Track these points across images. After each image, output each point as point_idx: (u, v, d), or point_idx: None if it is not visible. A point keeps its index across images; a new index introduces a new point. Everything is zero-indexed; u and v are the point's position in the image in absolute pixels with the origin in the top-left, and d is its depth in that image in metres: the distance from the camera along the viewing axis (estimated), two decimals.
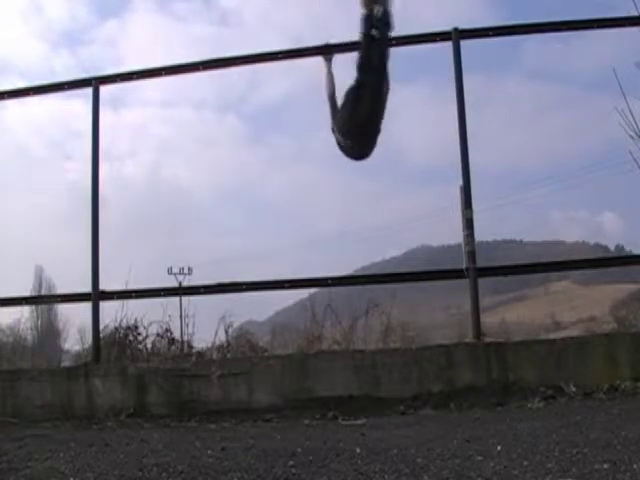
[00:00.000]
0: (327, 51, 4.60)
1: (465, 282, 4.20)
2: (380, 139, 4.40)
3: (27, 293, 6.17)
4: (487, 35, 4.52)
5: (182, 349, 4.94)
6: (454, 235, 4.38)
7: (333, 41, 4.69)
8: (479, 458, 1.95)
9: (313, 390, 3.95)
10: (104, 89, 4.86)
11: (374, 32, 3.36)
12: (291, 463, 2.05)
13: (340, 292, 5.03)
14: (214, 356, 4.79)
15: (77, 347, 7.02)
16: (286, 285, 4.55)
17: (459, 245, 4.28)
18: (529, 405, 3.57)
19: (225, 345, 4.99)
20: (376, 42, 3.39)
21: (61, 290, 5.39)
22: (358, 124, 3.54)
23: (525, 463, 1.84)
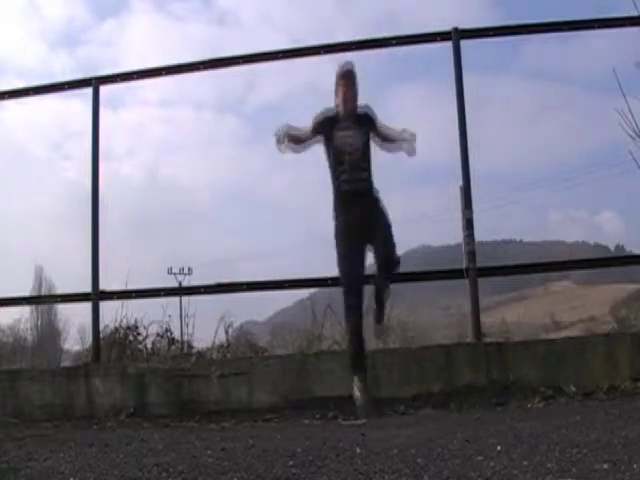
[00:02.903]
0: (328, 50, 4.60)
1: (465, 282, 4.20)
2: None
3: (27, 293, 6.18)
4: (487, 35, 4.52)
5: (182, 349, 4.94)
6: (454, 235, 4.38)
7: (332, 41, 4.73)
8: (479, 458, 1.95)
9: (313, 390, 3.95)
10: (104, 89, 4.86)
11: None
12: (291, 463, 2.05)
13: (340, 292, 5.02)
14: (214, 356, 4.79)
15: (77, 347, 7.04)
16: (286, 285, 4.56)
17: (459, 245, 4.28)
18: (529, 405, 3.57)
19: (225, 345, 4.99)
20: None
21: (61, 290, 5.40)
22: None
23: (525, 463, 1.84)
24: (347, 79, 3.92)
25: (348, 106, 3.90)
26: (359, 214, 3.77)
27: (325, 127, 3.88)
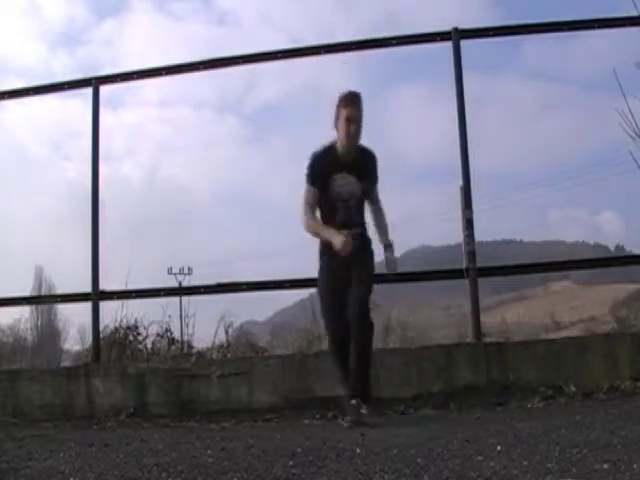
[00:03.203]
0: (328, 50, 4.59)
1: (465, 282, 4.20)
2: (380, 138, 4.40)
3: (27, 293, 6.17)
4: (487, 35, 4.52)
5: (182, 349, 4.94)
6: (454, 235, 4.38)
7: (332, 41, 4.72)
8: (479, 458, 1.95)
9: (313, 390, 3.95)
10: (104, 89, 4.86)
11: None
12: (291, 463, 2.05)
13: None
14: (214, 356, 4.79)
15: (77, 347, 7.05)
16: (286, 285, 4.56)
17: (459, 245, 4.28)
18: (529, 405, 3.57)
19: (225, 345, 5.00)
20: None
21: (61, 290, 5.40)
22: None
23: (525, 463, 1.84)
24: (352, 104, 3.35)
25: (351, 141, 3.38)
26: (345, 258, 3.31)
27: (321, 181, 3.43)
